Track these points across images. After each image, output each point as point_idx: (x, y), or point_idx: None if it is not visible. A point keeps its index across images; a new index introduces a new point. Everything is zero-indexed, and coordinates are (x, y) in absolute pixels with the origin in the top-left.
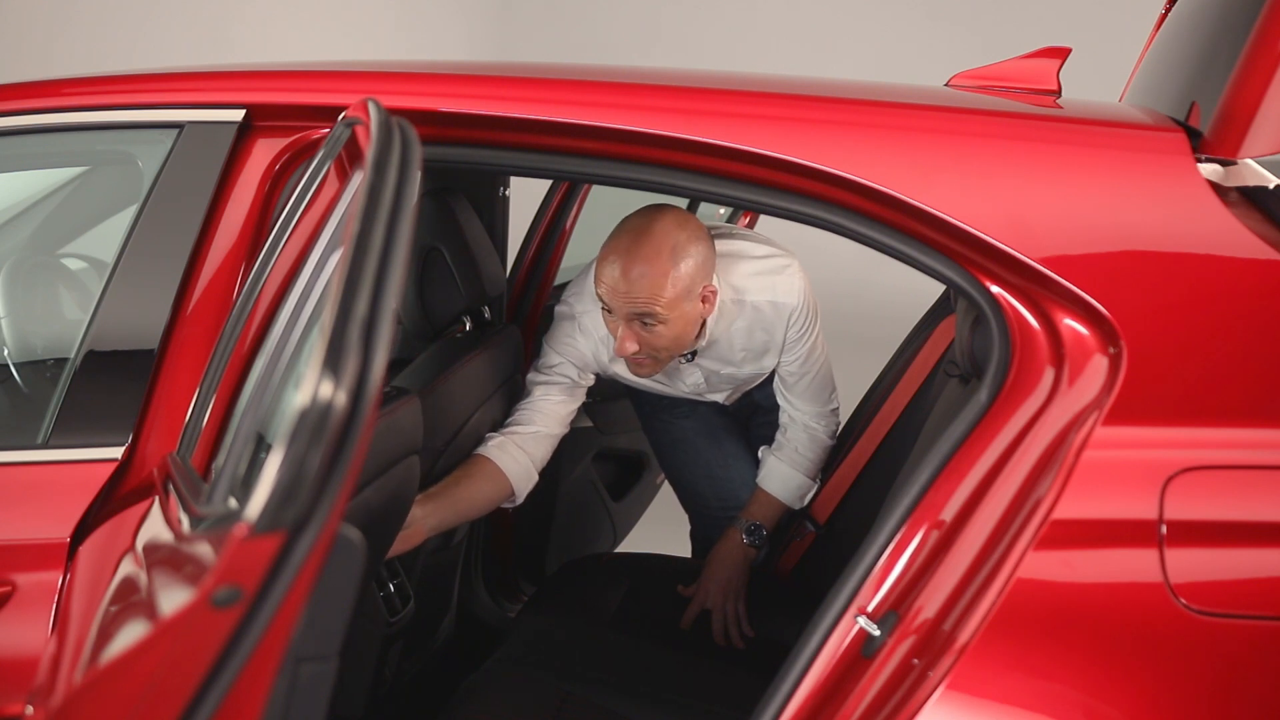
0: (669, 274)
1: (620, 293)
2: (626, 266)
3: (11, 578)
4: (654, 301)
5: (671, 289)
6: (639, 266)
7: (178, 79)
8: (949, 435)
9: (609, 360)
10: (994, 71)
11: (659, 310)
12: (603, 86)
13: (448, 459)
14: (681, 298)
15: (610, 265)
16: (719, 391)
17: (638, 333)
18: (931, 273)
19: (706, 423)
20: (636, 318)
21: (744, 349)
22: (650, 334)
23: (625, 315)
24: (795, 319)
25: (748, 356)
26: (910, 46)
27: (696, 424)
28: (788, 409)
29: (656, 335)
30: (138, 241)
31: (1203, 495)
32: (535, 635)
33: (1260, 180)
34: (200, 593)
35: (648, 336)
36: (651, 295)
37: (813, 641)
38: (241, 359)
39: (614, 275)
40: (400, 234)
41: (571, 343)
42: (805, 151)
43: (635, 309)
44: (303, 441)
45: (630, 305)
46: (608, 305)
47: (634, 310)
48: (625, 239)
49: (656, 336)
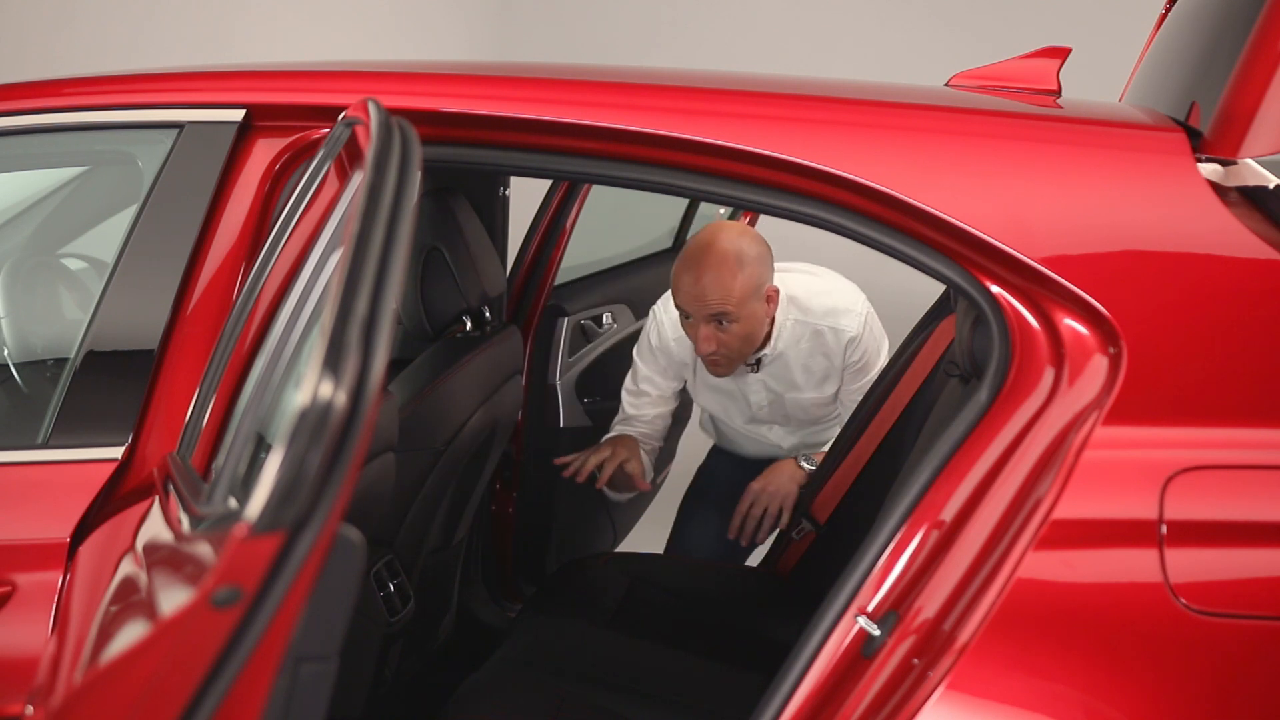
0: (737, 276)
1: (696, 298)
2: (699, 275)
3: (11, 578)
4: (726, 302)
5: (740, 289)
6: (710, 274)
7: (178, 79)
8: (949, 435)
9: (693, 371)
10: (994, 71)
11: (731, 310)
12: (603, 86)
13: (448, 459)
14: (749, 296)
15: (685, 276)
16: (783, 424)
17: (714, 333)
18: (931, 273)
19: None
20: (713, 319)
21: (804, 370)
22: (725, 333)
23: (703, 318)
24: (855, 348)
25: (809, 380)
26: (910, 46)
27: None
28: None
29: (730, 334)
30: (138, 241)
31: (1203, 495)
32: (535, 635)
33: (1260, 180)
34: (200, 593)
35: (723, 336)
36: (723, 297)
37: (813, 641)
38: (241, 359)
39: (689, 284)
40: (400, 234)
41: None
42: (805, 151)
43: (710, 310)
44: (303, 441)
45: (705, 308)
46: (686, 312)
47: (709, 312)
48: (695, 252)
49: (730, 335)
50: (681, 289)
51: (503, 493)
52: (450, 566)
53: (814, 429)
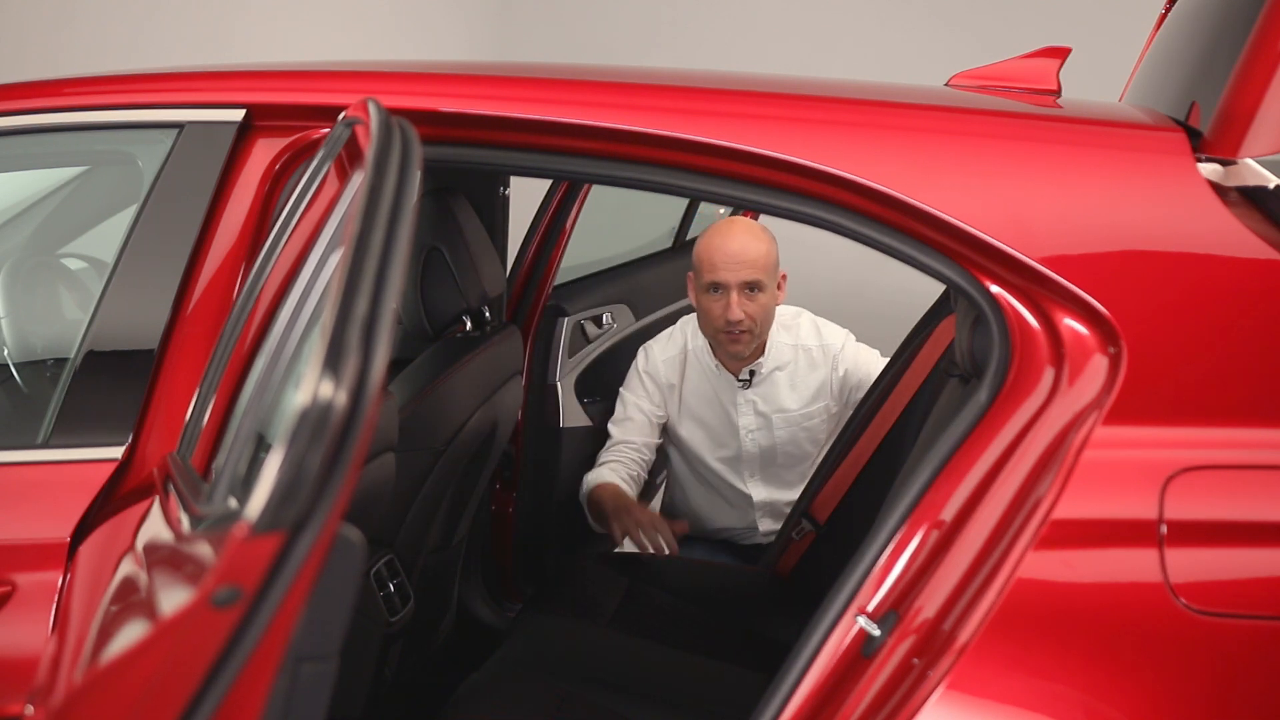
0: (765, 245)
1: (731, 257)
2: (732, 239)
3: (11, 578)
4: (757, 263)
5: (767, 258)
6: (742, 237)
7: (178, 79)
8: (949, 435)
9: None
10: (994, 71)
11: (762, 278)
12: (603, 86)
13: (448, 459)
14: (773, 269)
15: (718, 241)
16: (762, 467)
17: (744, 301)
18: (931, 273)
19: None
20: (745, 285)
21: (792, 387)
22: (753, 302)
23: (737, 284)
24: (842, 359)
25: (798, 397)
26: (910, 46)
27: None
28: None
29: (758, 304)
30: (138, 241)
31: (1203, 495)
32: (535, 635)
33: (1260, 180)
34: (200, 593)
35: (751, 306)
36: (756, 258)
37: (813, 641)
38: (241, 359)
39: (723, 246)
40: (400, 234)
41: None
42: (805, 151)
43: (743, 274)
44: (303, 441)
45: (739, 270)
46: (718, 282)
47: (742, 278)
48: (723, 228)
49: (758, 306)
50: (714, 255)
51: (503, 493)
52: (450, 566)
53: (785, 482)
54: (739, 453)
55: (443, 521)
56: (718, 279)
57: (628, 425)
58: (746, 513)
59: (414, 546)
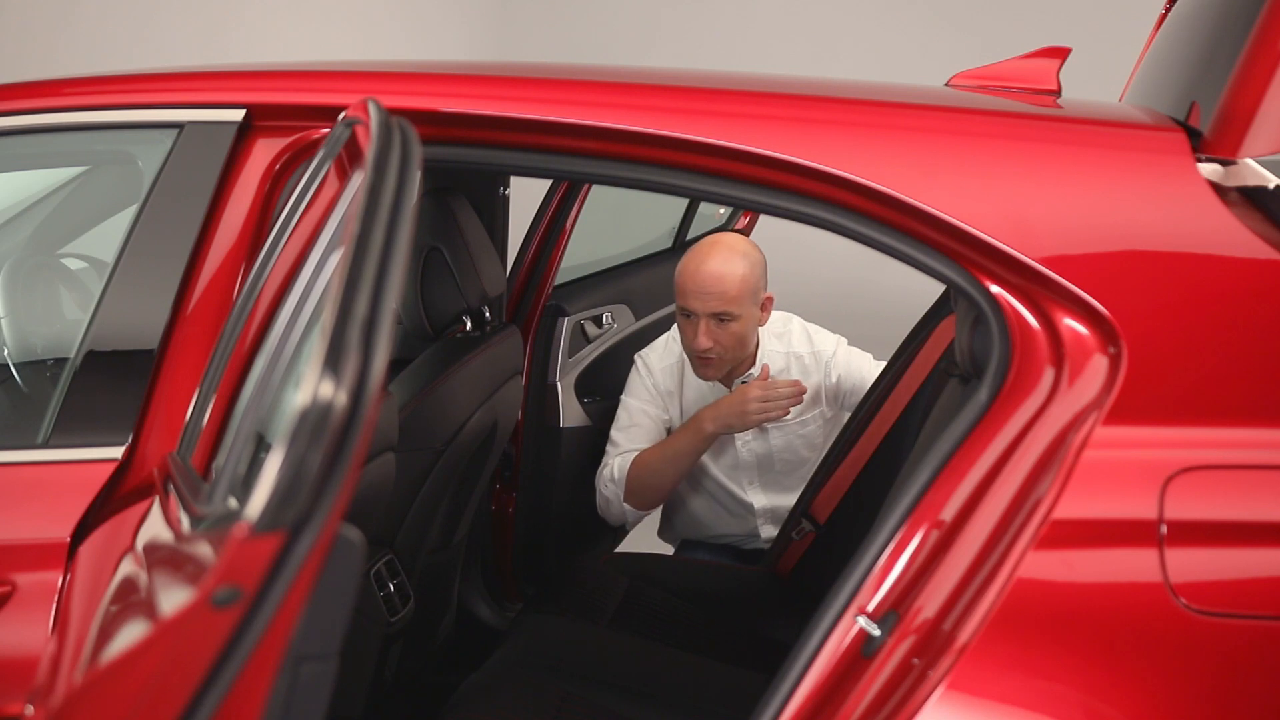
0: (739, 271)
1: (699, 288)
2: (704, 267)
3: (11, 578)
4: (726, 295)
5: (741, 285)
6: (716, 269)
7: (178, 79)
8: (949, 435)
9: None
10: (994, 71)
11: (731, 309)
12: (603, 86)
13: (448, 459)
14: (748, 297)
15: (690, 268)
16: (761, 474)
17: (712, 329)
18: (931, 273)
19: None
20: (714, 315)
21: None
22: (722, 331)
23: (705, 313)
24: (834, 365)
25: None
26: (910, 46)
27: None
28: None
29: (727, 333)
30: (138, 241)
31: (1203, 495)
32: (535, 635)
33: (1260, 180)
34: (200, 593)
35: (720, 334)
36: (725, 290)
37: (813, 641)
38: (241, 359)
39: (694, 275)
40: (400, 234)
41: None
42: (805, 151)
43: (712, 305)
44: (303, 441)
45: (708, 301)
46: (689, 308)
47: (711, 308)
48: (700, 252)
49: (727, 334)
50: (686, 282)
51: (503, 493)
52: (450, 566)
53: (785, 487)
54: (736, 461)
55: (443, 521)
56: (688, 306)
57: (634, 431)
58: (747, 520)
59: (414, 546)
